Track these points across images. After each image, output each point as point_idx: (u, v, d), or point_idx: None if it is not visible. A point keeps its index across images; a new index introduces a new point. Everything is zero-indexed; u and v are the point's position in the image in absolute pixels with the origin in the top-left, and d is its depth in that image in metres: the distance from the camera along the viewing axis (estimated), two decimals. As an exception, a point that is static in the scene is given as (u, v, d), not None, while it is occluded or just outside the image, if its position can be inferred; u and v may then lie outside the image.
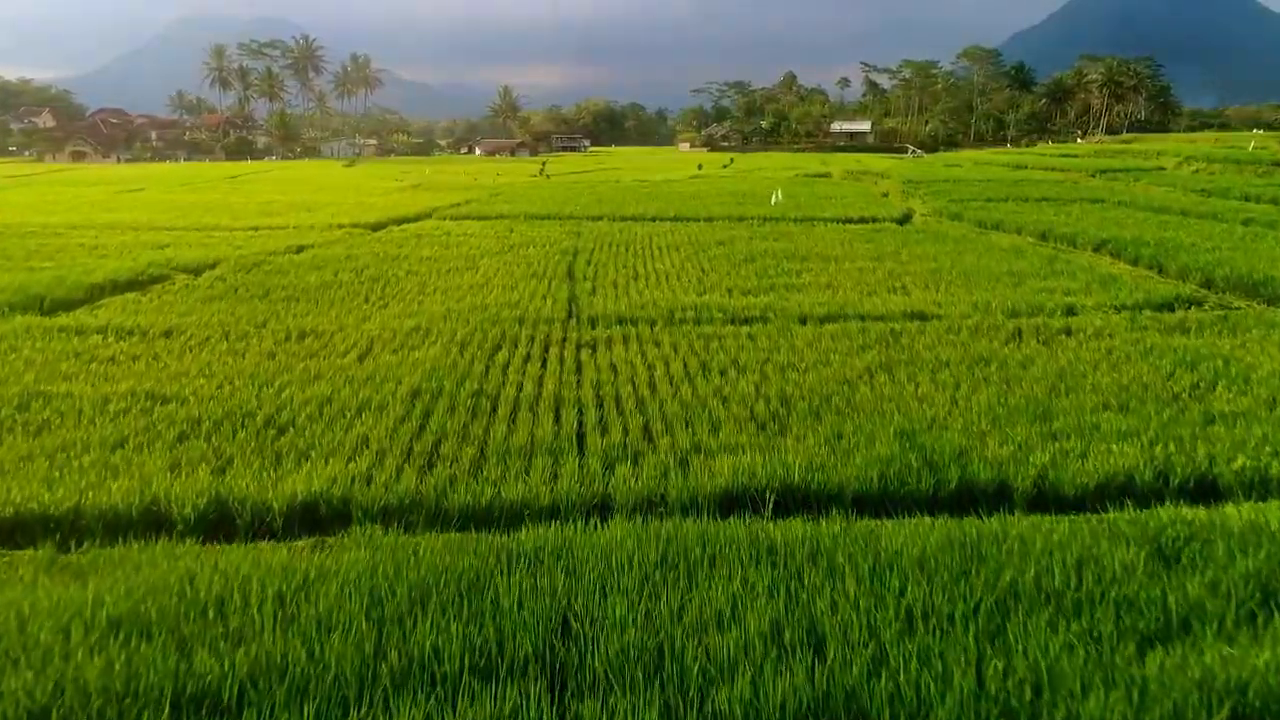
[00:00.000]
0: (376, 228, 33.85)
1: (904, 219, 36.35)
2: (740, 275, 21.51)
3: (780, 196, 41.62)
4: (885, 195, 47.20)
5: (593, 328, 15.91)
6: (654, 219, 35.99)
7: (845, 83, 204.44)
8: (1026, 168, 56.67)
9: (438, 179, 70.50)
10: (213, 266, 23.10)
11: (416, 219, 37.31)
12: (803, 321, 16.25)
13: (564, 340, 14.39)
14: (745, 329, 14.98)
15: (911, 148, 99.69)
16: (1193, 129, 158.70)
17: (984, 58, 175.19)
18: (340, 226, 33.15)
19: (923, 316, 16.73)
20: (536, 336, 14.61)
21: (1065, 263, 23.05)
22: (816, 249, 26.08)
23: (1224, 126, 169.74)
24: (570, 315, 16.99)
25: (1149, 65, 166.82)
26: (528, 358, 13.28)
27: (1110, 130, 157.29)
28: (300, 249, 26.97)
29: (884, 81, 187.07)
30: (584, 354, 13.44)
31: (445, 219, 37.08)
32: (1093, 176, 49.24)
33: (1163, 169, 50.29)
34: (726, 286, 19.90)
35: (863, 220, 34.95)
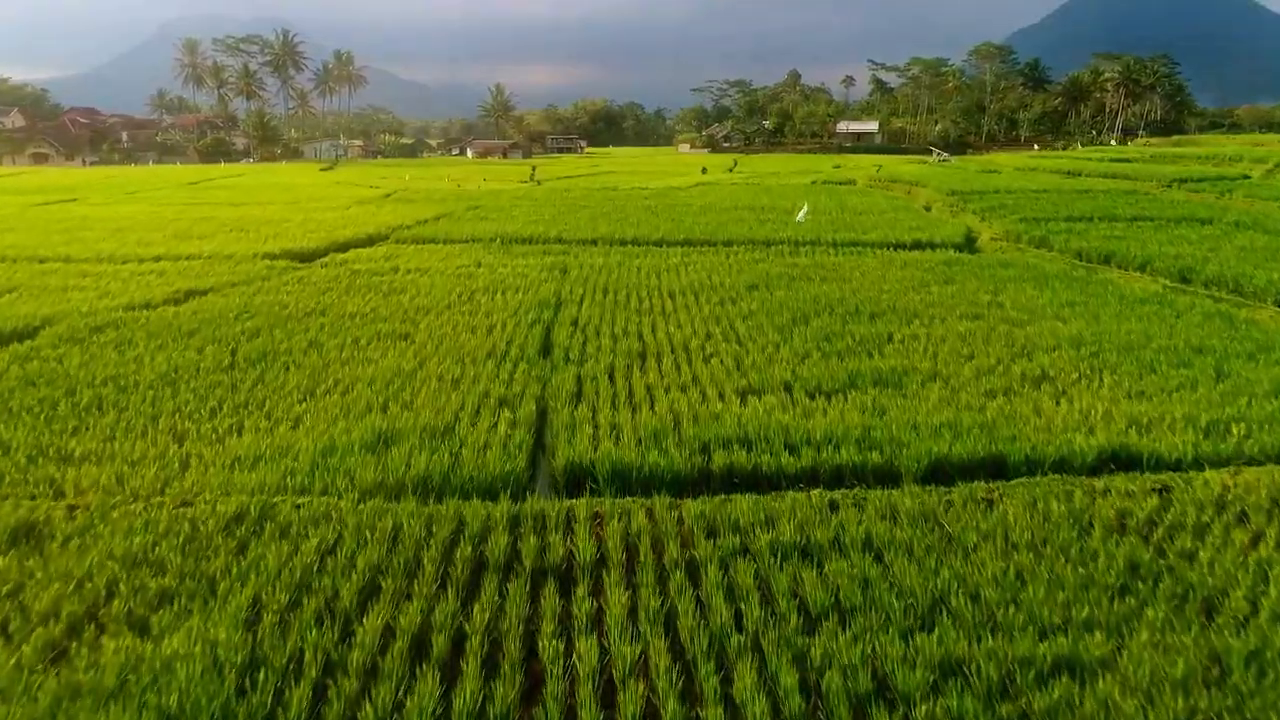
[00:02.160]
0: (312, 257, 26.98)
1: (969, 243, 29.47)
2: (797, 350, 14.57)
3: (807, 212, 34.72)
4: (928, 209, 40.34)
5: (571, 494, 8.97)
6: (660, 243, 29.11)
7: (850, 81, 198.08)
8: (1081, 175, 49.68)
9: (417, 185, 63.75)
10: (33, 334, 16.10)
11: (369, 242, 30.42)
12: (942, 478, 9.33)
13: (511, 564, 7.32)
14: (856, 520, 7.91)
15: (936, 151, 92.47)
16: (1203, 129, 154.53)
17: (995, 55, 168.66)
18: (268, 256, 26.23)
19: (1135, 462, 9.80)
20: (462, 544, 7.54)
21: (1253, 329, 16.12)
22: (885, 296, 19.19)
23: (1235, 127, 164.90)
24: (534, 465, 10.01)
25: (1166, 64, 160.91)
26: (421, 639, 6.22)
27: (1126, 130, 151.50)
28: (189, 295, 20.06)
29: (891, 80, 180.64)
30: (547, 618, 6.36)
31: (405, 242, 30.18)
32: (1168, 186, 42.35)
33: (1247, 177, 43.35)
34: (782, 379, 12.92)
35: (918, 245, 28.08)
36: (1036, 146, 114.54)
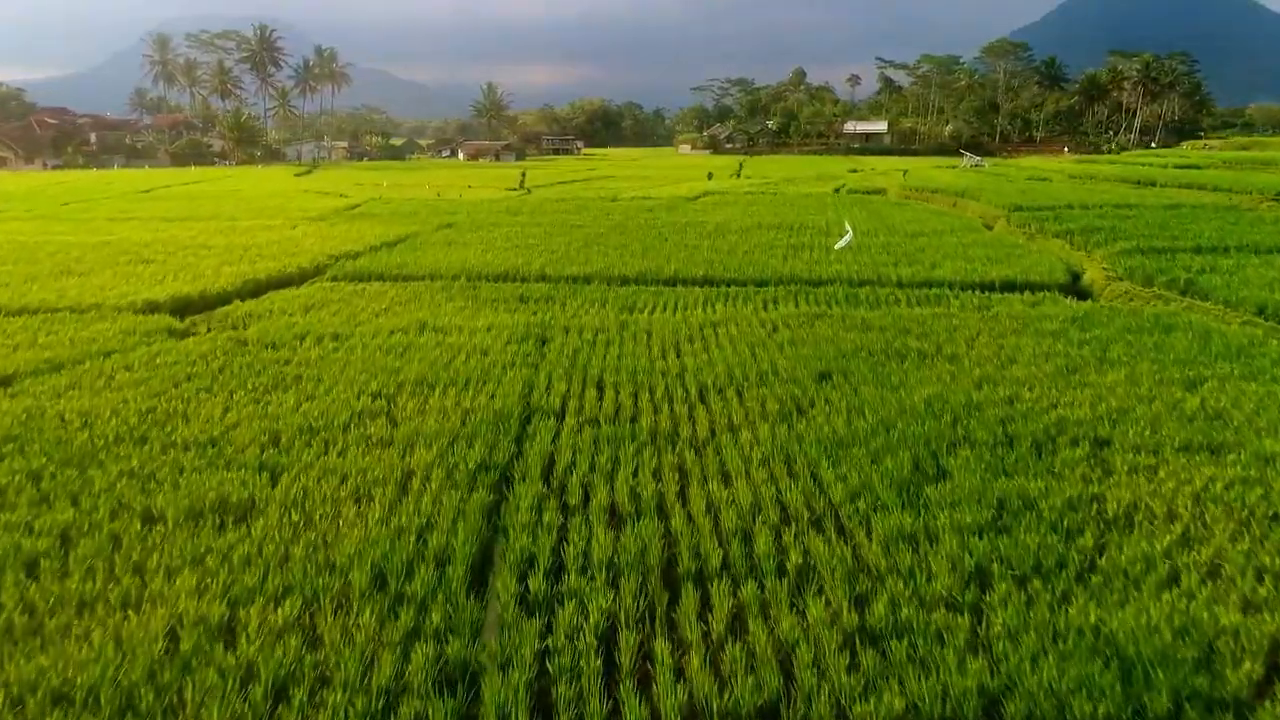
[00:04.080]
0: (209, 305, 20.43)
1: (1074, 282, 22.74)
2: (954, 559, 7.70)
3: (851, 237, 27.88)
4: (989, 228, 33.60)
5: None
6: (672, 281, 22.48)
7: (855, 80, 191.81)
8: (1156, 185, 42.84)
9: (392, 194, 57.03)
10: None
11: (298, 279, 23.87)
12: None
13: None
14: None
15: (968, 154, 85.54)
16: (1214, 129, 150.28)
17: (1009, 52, 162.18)
18: (146, 307, 19.54)
19: None
20: None
21: None
22: (1029, 394, 12.40)
23: (1247, 126, 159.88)
24: None
25: (1184, 62, 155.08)
26: None
27: (1144, 130, 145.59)
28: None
29: (900, 78, 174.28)
30: None
31: (344, 279, 23.52)
32: (1275, 199, 35.60)
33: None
34: (975, 677, 6.03)
35: (1010, 286, 21.42)
36: (1067, 150, 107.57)
